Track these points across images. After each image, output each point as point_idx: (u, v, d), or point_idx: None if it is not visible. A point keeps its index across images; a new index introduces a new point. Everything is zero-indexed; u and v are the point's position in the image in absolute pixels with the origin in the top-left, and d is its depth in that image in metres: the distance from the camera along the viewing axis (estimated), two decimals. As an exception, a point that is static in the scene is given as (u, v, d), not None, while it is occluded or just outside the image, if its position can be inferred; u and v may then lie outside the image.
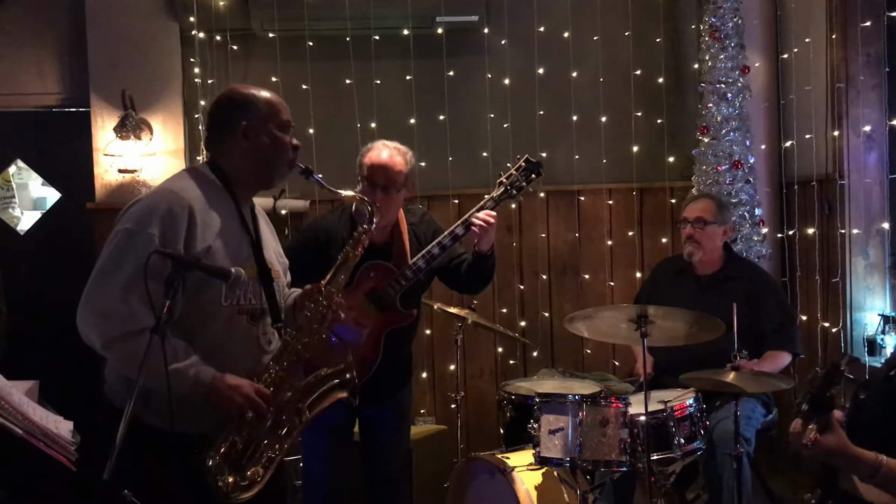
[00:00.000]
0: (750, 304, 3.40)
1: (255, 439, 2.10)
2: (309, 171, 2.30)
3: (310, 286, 2.31)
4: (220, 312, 2.10)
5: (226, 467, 2.04)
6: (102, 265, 2.04)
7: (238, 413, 2.04)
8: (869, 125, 3.71)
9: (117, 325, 1.95)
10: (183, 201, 2.06)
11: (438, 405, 4.38)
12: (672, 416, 2.98)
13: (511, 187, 2.89)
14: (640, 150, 4.54)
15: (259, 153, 2.19)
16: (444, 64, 4.41)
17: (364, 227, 2.37)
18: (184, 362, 2.01)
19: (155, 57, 4.15)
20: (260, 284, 2.19)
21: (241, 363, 2.12)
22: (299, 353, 2.17)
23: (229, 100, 2.23)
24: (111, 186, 4.13)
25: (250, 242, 2.20)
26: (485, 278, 3.04)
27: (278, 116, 2.22)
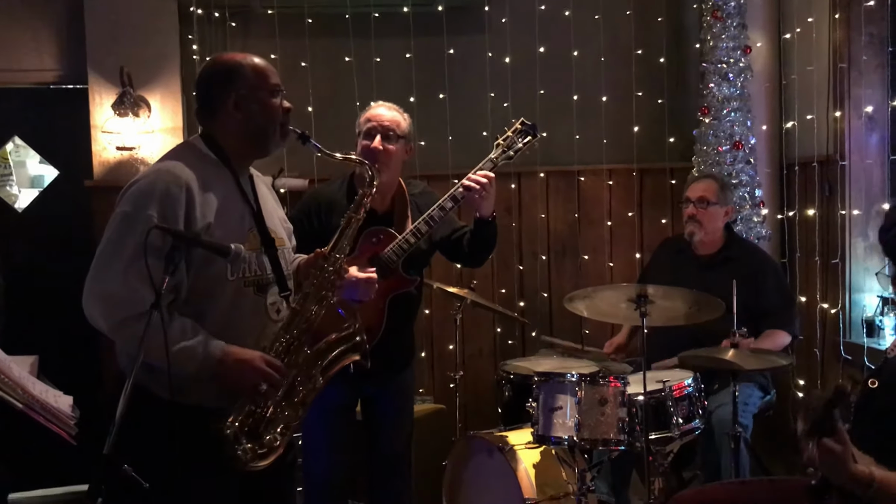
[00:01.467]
0: (749, 284, 3.40)
1: (270, 408, 2.11)
2: (305, 137, 2.28)
3: (314, 253, 2.31)
4: (227, 286, 2.10)
5: (243, 436, 2.06)
6: (103, 249, 2.03)
7: (251, 386, 2.05)
8: (871, 106, 3.69)
9: (122, 309, 1.95)
10: (179, 180, 2.05)
11: (437, 384, 4.38)
12: (670, 395, 2.99)
13: (508, 148, 2.87)
14: (640, 130, 4.52)
15: (252, 122, 2.17)
16: (444, 42, 4.39)
17: (365, 191, 2.37)
18: (192, 340, 2.01)
19: (153, 34, 4.12)
20: (264, 254, 2.19)
21: (250, 335, 2.13)
22: (309, 320, 2.18)
23: (215, 71, 2.21)
24: (109, 164, 4.11)
25: (251, 213, 2.19)
26: (487, 247, 3.01)
27: (267, 82, 2.19)
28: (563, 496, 3.03)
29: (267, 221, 2.23)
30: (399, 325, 2.96)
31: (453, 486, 3.33)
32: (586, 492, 2.98)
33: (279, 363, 2.11)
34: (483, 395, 4.24)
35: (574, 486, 3.01)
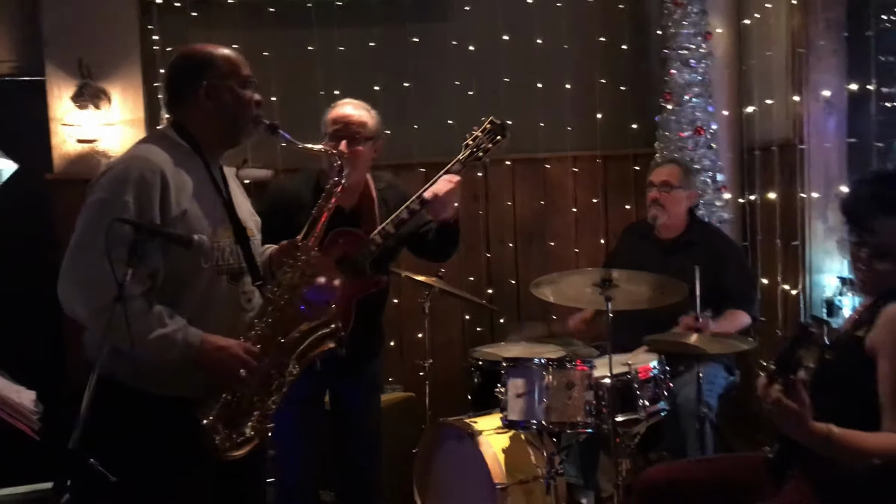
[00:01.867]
0: (711, 267, 3.45)
1: (247, 396, 2.12)
2: (275, 127, 2.29)
3: (286, 242, 2.32)
4: (202, 275, 2.11)
5: (220, 425, 2.07)
6: (79, 237, 2.02)
7: (230, 374, 2.06)
8: (828, 90, 3.75)
9: (101, 296, 1.92)
10: (154, 166, 2.05)
11: (407, 373, 4.39)
12: (636, 378, 3.02)
13: (478, 149, 2.87)
14: (603, 117, 4.56)
15: (223, 112, 2.18)
16: (407, 30, 4.38)
17: (335, 181, 2.37)
18: (170, 328, 2.02)
19: (112, 24, 4.05)
20: (237, 244, 2.19)
21: (223, 323, 2.14)
22: (282, 309, 2.19)
23: (187, 61, 2.21)
24: (70, 157, 4.05)
25: (223, 203, 2.19)
26: (450, 246, 3.03)
27: (238, 73, 2.20)
28: (532, 480, 3.07)
29: (237, 212, 2.24)
30: (367, 318, 2.96)
31: (424, 472, 3.35)
32: (555, 475, 3.02)
33: (257, 351, 2.12)
34: (452, 383, 4.26)
35: (543, 470, 3.04)
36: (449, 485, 3.26)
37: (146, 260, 1.99)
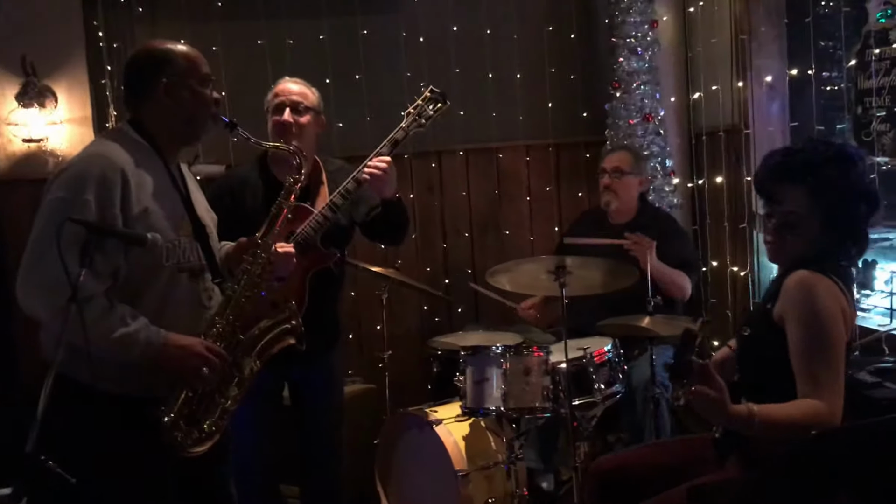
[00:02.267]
0: (660, 247, 3.53)
1: (207, 393, 2.13)
2: (233, 125, 2.30)
3: (244, 239, 2.33)
4: (162, 272, 2.11)
5: (181, 422, 2.07)
6: (38, 237, 1.99)
7: (192, 372, 2.07)
8: (770, 75, 3.84)
9: (62, 296, 1.89)
10: (114, 164, 2.03)
11: (366, 365, 4.40)
12: (592, 362, 3.08)
13: (419, 116, 2.90)
14: (554, 106, 4.61)
15: (182, 110, 2.18)
16: (357, 22, 4.37)
17: (295, 178, 2.40)
18: (132, 327, 2.01)
19: (55, 20, 3.97)
20: (196, 241, 2.19)
21: (184, 321, 2.14)
22: (242, 306, 2.20)
23: (146, 57, 2.19)
24: (16, 157, 3.97)
25: (182, 199, 2.19)
26: (398, 226, 3.05)
27: (198, 71, 2.20)
28: (492, 465, 3.12)
29: (196, 209, 2.24)
30: (322, 304, 2.96)
31: (385, 463, 3.38)
32: (515, 460, 3.06)
33: (219, 349, 2.13)
34: (412, 373, 4.29)
35: (503, 455, 3.09)
36: (410, 474, 3.29)
37: (107, 257, 1.98)
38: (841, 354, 2.01)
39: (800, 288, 2.05)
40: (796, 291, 2.05)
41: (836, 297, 2.04)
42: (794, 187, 2.10)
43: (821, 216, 2.08)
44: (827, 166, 2.08)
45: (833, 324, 2.01)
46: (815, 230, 2.09)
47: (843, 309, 2.05)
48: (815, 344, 1.99)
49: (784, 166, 2.13)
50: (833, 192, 2.07)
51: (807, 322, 2.01)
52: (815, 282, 2.04)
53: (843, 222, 2.09)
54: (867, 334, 3.15)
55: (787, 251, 2.15)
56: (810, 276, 2.05)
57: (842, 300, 2.06)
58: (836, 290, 2.05)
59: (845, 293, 2.08)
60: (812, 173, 2.08)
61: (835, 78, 3.62)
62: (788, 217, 2.11)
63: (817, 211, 2.08)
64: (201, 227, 2.23)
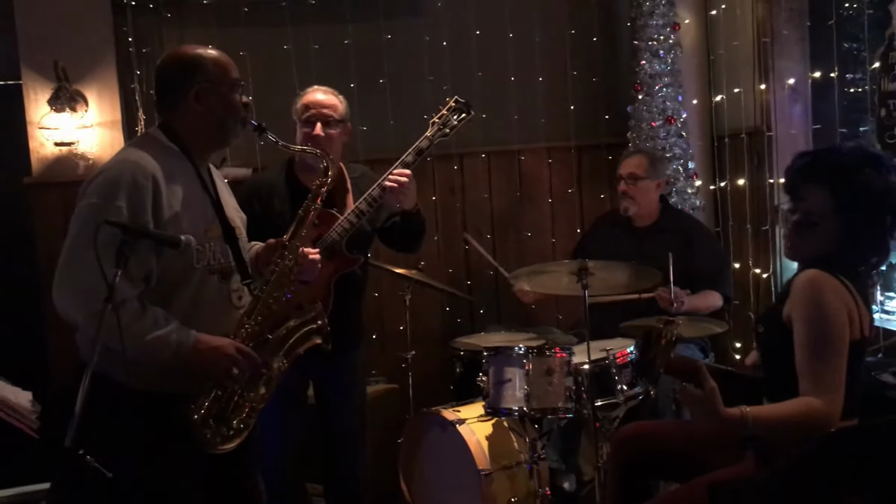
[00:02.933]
0: (685, 252, 3.55)
1: (236, 392, 2.17)
2: (263, 128, 2.34)
3: (273, 241, 2.37)
4: (193, 275, 2.15)
5: (210, 420, 2.12)
6: (73, 242, 2.04)
7: (224, 372, 2.11)
8: (793, 78, 3.85)
9: (98, 299, 1.94)
10: (146, 171, 2.08)
11: (389, 365, 4.44)
12: (614, 363, 3.10)
13: (443, 126, 2.95)
14: (576, 108, 4.63)
15: (212, 115, 2.22)
16: (381, 27, 4.42)
17: (321, 181, 2.45)
18: (164, 329, 2.06)
19: (86, 27, 4.05)
20: (226, 243, 2.23)
21: (215, 322, 2.18)
22: (270, 307, 2.24)
23: (177, 63, 2.23)
24: (48, 160, 4.05)
25: (212, 203, 2.23)
26: (415, 236, 3.11)
27: (228, 76, 2.24)
28: (515, 465, 3.15)
29: (225, 210, 2.28)
30: (346, 305, 3.01)
31: (409, 462, 3.42)
32: (537, 460, 3.10)
33: (249, 349, 2.17)
34: (434, 373, 4.32)
35: (526, 455, 3.12)
36: (434, 473, 3.33)
37: (139, 261, 2.02)
38: (843, 353, 2.00)
39: (805, 287, 2.06)
40: (802, 290, 2.06)
41: (841, 296, 2.04)
42: (820, 188, 2.10)
43: (843, 220, 2.08)
44: (856, 172, 2.08)
45: (836, 323, 2.00)
46: (834, 232, 2.10)
47: (849, 309, 2.04)
48: (816, 342, 2.00)
49: (813, 166, 2.13)
50: (858, 199, 2.07)
51: (810, 320, 2.02)
52: (822, 282, 2.04)
53: (865, 230, 2.09)
54: (890, 336, 3.15)
55: (804, 249, 2.16)
56: (817, 276, 2.06)
57: (849, 300, 2.05)
58: (842, 290, 2.05)
59: (854, 294, 2.07)
60: (840, 177, 2.08)
61: (858, 80, 3.62)
62: (809, 216, 2.12)
63: (840, 214, 2.08)
64: (230, 229, 2.27)
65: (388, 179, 2.86)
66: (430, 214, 4.54)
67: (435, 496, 3.31)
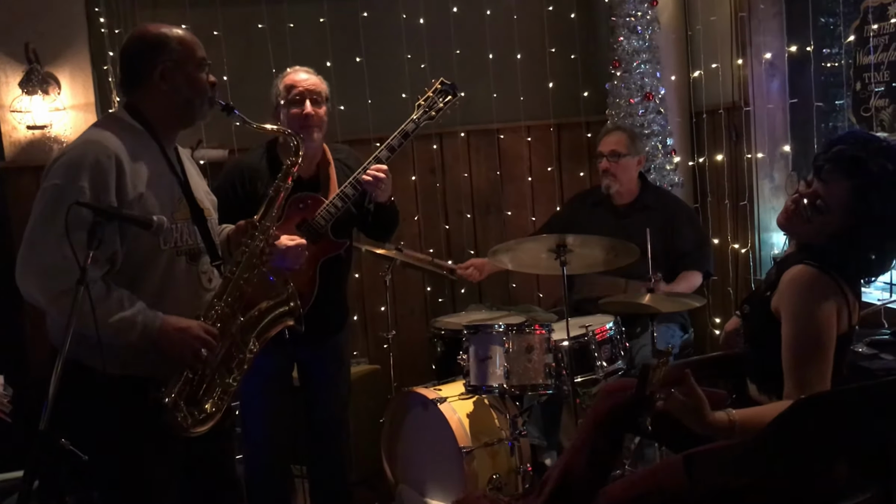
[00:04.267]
0: (665, 229, 3.56)
1: (207, 374, 2.16)
2: (230, 108, 2.32)
3: (243, 222, 2.36)
4: (161, 256, 2.13)
5: (182, 402, 2.11)
6: (35, 224, 2.03)
7: (190, 354, 2.10)
8: (770, 53, 3.85)
9: (60, 281, 1.94)
10: (108, 151, 2.05)
11: (371, 346, 4.46)
12: (593, 339, 3.12)
13: (430, 108, 2.95)
14: (555, 86, 4.62)
15: (178, 95, 2.19)
16: (357, 4, 4.38)
17: (292, 160, 2.42)
18: (130, 311, 2.04)
19: (58, 8, 3.98)
20: (194, 224, 2.22)
21: (184, 304, 2.17)
22: (241, 288, 2.23)
23: (141, 42, 2.20)
24: (21, 144, 4.00)
25: (179, 183, 2.21)
26: (388, 226, 3.13)
27: (194, 55, 2.20)
28: (496, 442, 3.16)
29: (193, 192, 2.26)
30: (331, 289, 3.01)
31: (391, 441, 3.43)
32: (518, 436, 3.11)
33: (216, 330, 2.15)
34: (416, 353, 4.33)
35: (507, 432, 3.14)
36: (416, 451, 3.34)
37: (104, 244, 1.99)
38: (829, 357, 1.99)
39: (795, 284, 2.03)
40: (792, 287, 2.04)
41: (832, 294, 2.02)
42: (847, 181, 2.02)
43: (851, 220, 2.03)
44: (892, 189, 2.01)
45: (824, 325, 1.99)
46: (836, 226, 2.05)
47: (838, 305, 2.02)
48: (804, 345, 1.98)
49: (854, 160, 2.03)
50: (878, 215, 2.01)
51: (798, 322, 2.00)
52: (812, 280, 2.02)
53: (867, 239, 2.05)
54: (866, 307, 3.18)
55: (799, 230, 2.11)
56: (807, 274, 2.03)
57: (837, 296, 2.03)
58: (833, 287, 2.02)
59: (844, 287, 2.05)
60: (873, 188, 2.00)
61: (834, 55, 3.63)
62: (822, 200, 2.05)
63: (851, 214, 2.03)
64: (199, 210, 2.25)
65: (366, 173, 2.85)
66: (410, 194, 4.53)
67: (417, 474, 3.32)
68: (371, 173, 2.86)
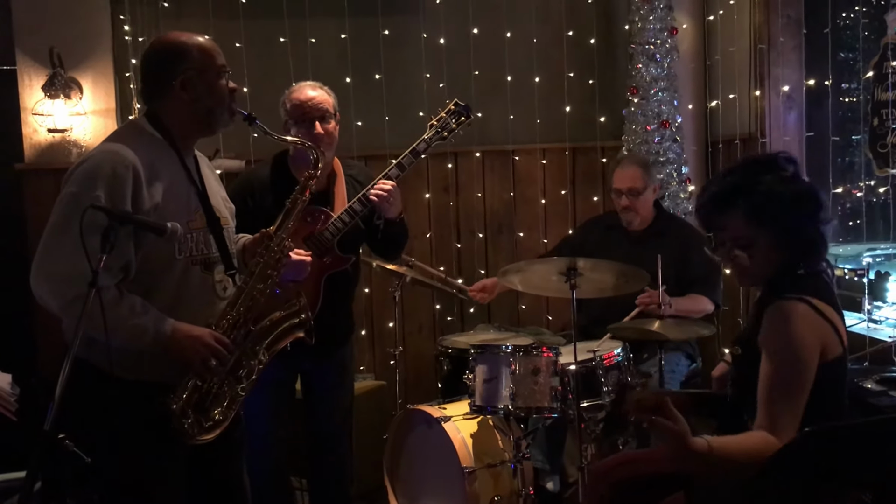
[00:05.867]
0: (678, 257, 3.55)
1: (216, 382, 2.17)
2: (252, 118, 2.32)
3: (259, 233, 2.35)
4: (175, 264, 2.14)
5: (189, 410, 2.11)
6: (51, 231, 2.04)
7: (200, 362, 2.10)
8: (788, 85, 3.86)
9: (72, 287, 1.95)
10: (126, 160, 2.06)
11: (378, 362, 4.46)
12: (601, 364, 3.10)
13: (442, 129, 2.96)
14: (572, 110, 4.64)
15: (199, 104, 2.20)
16: (378, 23, 4.42)
17: (310, 172, 2.43)
18: (142, 317, 2.05)
19: (83, 14, 4.05)
20: (210, 233, 2.23)
21: (198, 312, 2.18)
22: (254, 298, 2.23)
23: (162, 51, 2.21)
24: (41, 146, 4.05)
25: (196, 192, 2.22)
26: (395, 243, 3.12)
27: (213, 63, 2.21)
28: (499, 464, 3.14)
29: (211, 200, 2.27)
30: (336, 302, 3.01)
31: (393, 458, 3.41)
32: (522, 459, 3.09)
33: (227, 340, 2.16)
34: (423, 371, 4.33)
35: (510, 454, 3.12)
36: (418, 469, 3.32)
37: (117, 252, 2.00)
38: (804, 392, 1.97)
39: (775, 320, 2.02)
40: (771, 324, 2.03)
41: (812, 324, 2.00)
42: (732, 212, 2.09)
43: (767, 231, 2.07)
44: (756, 183, 2.07)
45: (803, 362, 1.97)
46: (768, 245, 2.07)
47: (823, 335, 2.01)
48: (780, 381, 1.97)
49: (716, 195, 2.13)
50: (767, 206, 2.05)
51: (776, 357, 1.99)
52: (789, 313, 2.00)
53: (792, 230, 2.07)
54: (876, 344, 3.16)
55: (755, 272, 2.13)
56: (785, 308, 2.02)
57: (820, 325, 2.01)
58: (812, 316, 2.01)
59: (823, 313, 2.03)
60: (741, 194, 2.07)
61: (852, 90, 3.63)
62: (738, 241, 2.10)
63: (761, 228, 2.07)
64: (215, 219, 2.26)
65: (373, 189, 2.87)
66: (424, 212, 4.55)
67: (419, 493, 3.30)
68: (377, 190, 2.87)
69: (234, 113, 2.27)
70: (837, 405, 2.06)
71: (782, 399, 1.96)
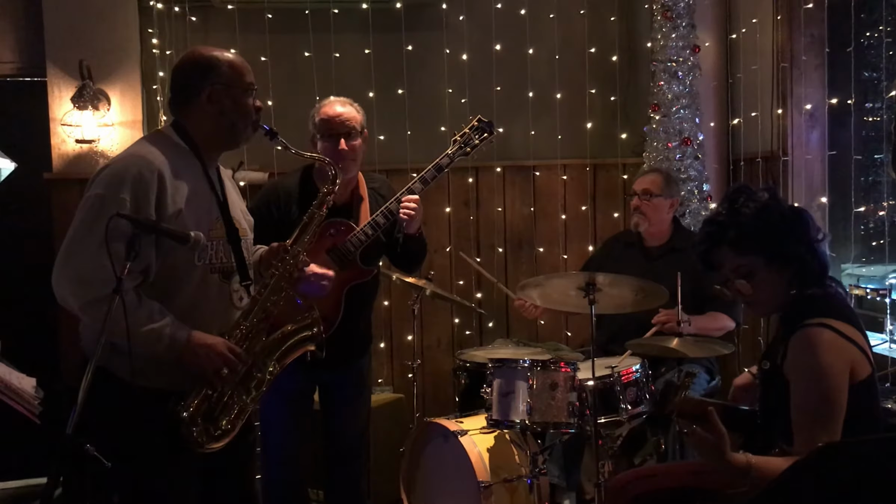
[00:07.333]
0: (695, 274, 3.51)
1: (226, 392, 2.19)
2: (274, 133, 2.37)
3: (276, 244, 2.39)
4: (194, 272, 2.18)
5: (199, 418, 2.13)
6: (75, 231, 2.08)
7: (213, 371, 2.13)
8: (810, 104, 3.84)
9: (93, 289, 2.00)
10: (152, 165, 2.11)
11: (396, 374, 4.47)
12: (619, 381, 3.09)
13: (465, 145, 2.99)
14: (593, 126, 4.65)
15: (224, 117, 2.25)
16: (402, 38, 4.46)
17: (328, 188, 2.46)
18: (159, 323, 2.08)
19: (112, 27, 4.13)
20: (229, 243, 2.26)
21: (214, 320, 2.21)
22: (268, 309, 2.26)
23: (192, 63, 2.27)
24: (68, 156, 4.12)
25: (218, 203, 2.26)
26: (414, 257, 3.15)
27: (242, 79, 2.26)
28: (516, 479, 3.14)
29: (231, 212, 2.31)
30: (356, 314, 3.03)
31: (410, 471, 3.42)
32: (538, 474, 3.09)
33: (240, 350, 2.19)
34: (440, 384, 4.34)
35: (527, 469, 3.12)
36: (434, 483, 3.32)
37: (140, 256, 2.04)
38: (840, 415, 1.99)
39: (799, 351, 2.04)
40: (797, 355, 2.04)
41: (838, 349, 2.01)
42: (724, 248, 2.16)
43: (758, 258, 2.11)
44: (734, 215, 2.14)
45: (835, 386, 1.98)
46: (765, 270, 2.12)
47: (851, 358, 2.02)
48: (815, 407, 1.98)
49: (708, 236, 2.21)
50: (750, 234, 2.11)
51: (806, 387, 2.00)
52: (815, 342, 2.01)
53: (785, 253, 2.11)
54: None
55: (765, 301, 2.17)
56: (810, 337, 2.03)
57: (846, 348, 2.02)
58: (837, 341, 2.01)
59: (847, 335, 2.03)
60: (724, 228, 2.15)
61: (876, 109, 3.61)
62: (736, 272, 2.15)
63: (751, 255, 2.12)
64: (234, 230, 2.29)
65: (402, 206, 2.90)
66: (444, 226, 4.57)
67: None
68: (406, 207, 2.90)
69: (258, 128, 2.32)
70: (873, 423, 2.05)
71: (818, 426, 1.97)
